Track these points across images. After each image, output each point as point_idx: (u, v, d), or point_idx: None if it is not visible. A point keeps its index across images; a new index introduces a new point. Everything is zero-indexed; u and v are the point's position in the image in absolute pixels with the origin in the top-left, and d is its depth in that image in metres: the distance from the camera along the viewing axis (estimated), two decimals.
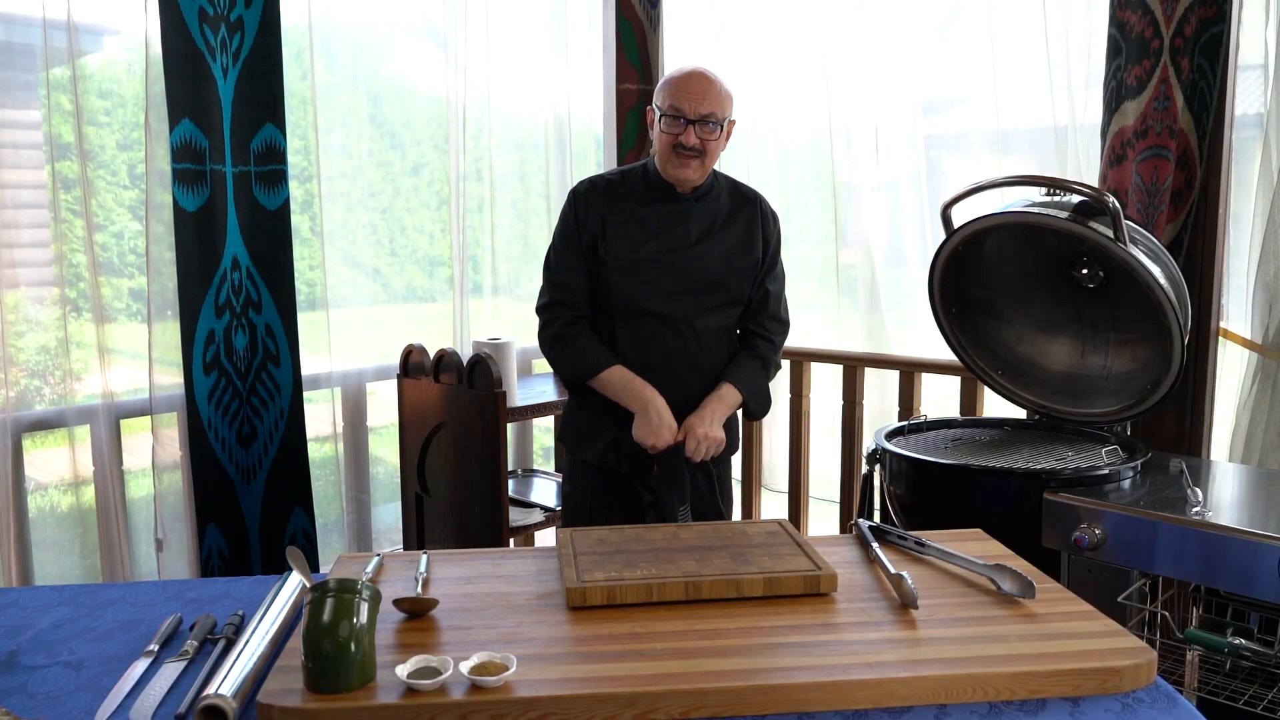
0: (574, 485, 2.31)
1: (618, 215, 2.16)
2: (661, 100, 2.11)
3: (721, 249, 2.20)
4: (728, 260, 2.20)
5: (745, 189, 2.28)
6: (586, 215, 2.17)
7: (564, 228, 2.21)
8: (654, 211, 2.17)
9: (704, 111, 2.07)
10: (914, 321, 3.47)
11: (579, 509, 2.28)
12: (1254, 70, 2.64)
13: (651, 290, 2.15)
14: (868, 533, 1.71)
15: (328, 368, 3.07)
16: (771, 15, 3.61)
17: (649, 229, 2.16)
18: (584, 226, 2.17)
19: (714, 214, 2.20)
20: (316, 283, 3.04)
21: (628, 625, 1.39)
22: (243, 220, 2.71)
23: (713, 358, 2.23)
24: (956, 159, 3.69)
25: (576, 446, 2.27)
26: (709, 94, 2.08)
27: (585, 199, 2.19)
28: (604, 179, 2.23)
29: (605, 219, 2.16)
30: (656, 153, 2.15)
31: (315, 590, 1.23)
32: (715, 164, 2.18)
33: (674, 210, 2.17)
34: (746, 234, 2.23)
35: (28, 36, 2.47)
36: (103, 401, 2.61)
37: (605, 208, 2.17)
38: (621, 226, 2.16)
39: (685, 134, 2.07)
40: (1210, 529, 1.90)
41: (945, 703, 1.23)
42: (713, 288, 2.19)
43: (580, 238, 2.17)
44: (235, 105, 2.66)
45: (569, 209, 2.21)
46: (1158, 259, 2.22)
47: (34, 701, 1.26)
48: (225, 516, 2.77)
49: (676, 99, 2.08)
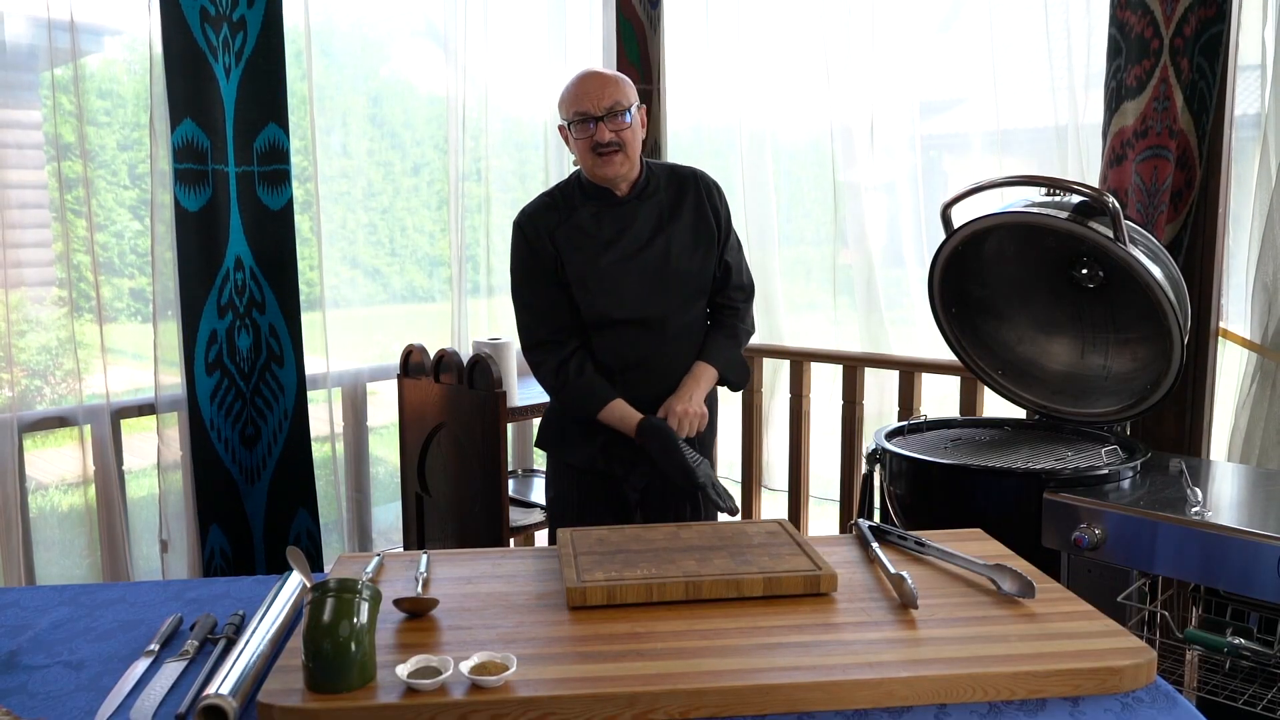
0: (559, 489, 2.31)
1: (566, 232, 2.14)
2: (565, 113, 2.12)
3: (679, 239, 2.18)
4: (687, 249, 2.18)
5: (681, 169, 2.26)
6: (538, 241, 2.15)
7: (522, 261, 2.18)
8: (600, 220, 2.15)
9: (607, 105, 2.07)
10: (913, 321, 3.47)
11: (568, 512, 2.27)
12: (1253, 70, 2.64)
13: (619, 299, 2.14)
14: (868, 533, 1.71)
15: (328, 368, 3.07)
16: (771, 15, 3.61)
17: (600, 239, 2.14)
18: (540, 253, 2.15)
19: (659, 206, 2.19)
20: (317, 283, 3.04)
21: (628, 625, 1.39)
22: (246, 220, 2.71)
23: (693, 350, 2.24)
24: (956, 159, 3.69)
25: (563, 450, 2.26)
26: (606, 87, 2.08)
27: (530, 226, 2.17)
28: (540, 203, 2.21)
29: (555, 239, 2.14)
30: (580, 162, 2.15)
31: (315, 590, 1.23)
32: (638, 153, 2.16)
33: (619, 214, 2.16)
34: (696, 215, 2.21)
35: (28, 36, 2.47)
36: (103, 402, 2.61)
37: (552, 229, 2.14)
38: (574, 243, 2.14)
39: (598, 132, 2.07)
40: (1210, 529, 1.90)
41: (945, 703, 1.23)
42: (680, 281, 2.18)
43: (543, 263, 2.15)
44: (238, 105, 2.66)
45: (519, 242, 2.18)
46: (1157, 259, 2.22)
47: (34, 701, 1.26)
48: (228, 518, 2.76)
49: (578, 104, 2.08)
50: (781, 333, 3.67)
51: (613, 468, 2.22)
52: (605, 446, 2.20)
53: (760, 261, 3.66)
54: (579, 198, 2.17)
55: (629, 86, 2.12)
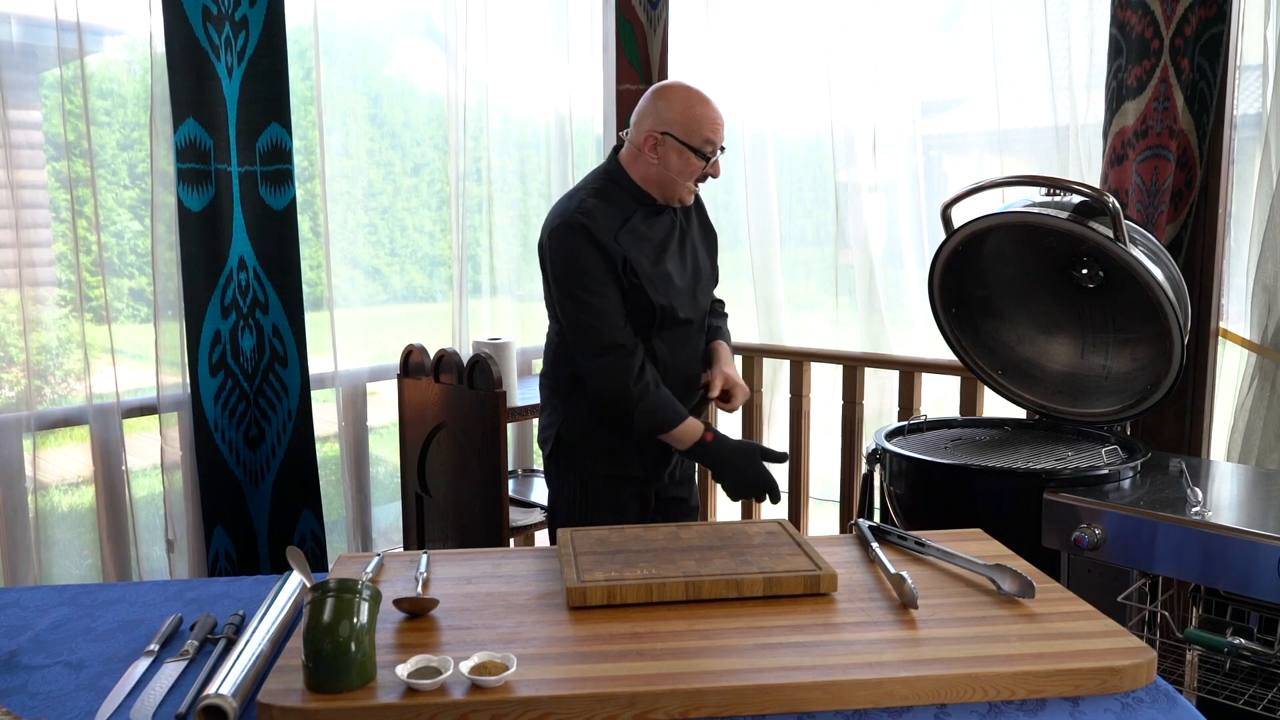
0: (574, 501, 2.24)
1: (628, 235, 2.11)
2: (691, 135, 2.07)
3: (699, 243, 2.28)
4: (704, 250, 2.29)
5: None
6: (605, 241, 2.07)
7: (587, 260, 2.07)
8: (652, 225, 2.17)
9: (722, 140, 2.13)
10: (913, 321, 3.47)
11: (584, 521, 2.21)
12: (1254, 70, 2.64)
13: (681, 298, 2.17)
14: (868, 533, 1.71)
15: (329, 368, 3.07)
16: (771, 15, 3.61)
17: (655, 242, 2.16)
18: (608, 254, 2.07)
19: (676, 214, 2.24)
20: (317, 283, 3.04)
21: (628, 625, 1.39)
22: (249, 220, 2.71)
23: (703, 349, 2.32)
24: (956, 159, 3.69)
25: (591, 459, 2.22)
26: (722, 122, 2.12)
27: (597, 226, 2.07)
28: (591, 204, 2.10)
29: (620, 240, 2.10)
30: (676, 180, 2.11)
31: (315, 590, 1.23)
32: None
33: (660, 220, 2.19)
34: (700, 222, 2.31)
35: (29, 36, 2.47)
36: (105, 402, 2.61)
37: (615, 230, 2.10)
38: (637, 245, 2.12)
39: (713, 166, 2.12)
40: (1210, 529, 1.90)
41: (945, 703, 1.23)
42: (710, 280, 2.30)
43: (612, 265, 2.08)
44: (241, 105, 2.66)
45: (584, 243, 2.07)
46: (1158, 259, 2.22)
47: (34, 701, 1.26)
48: (233, 519, 2.76)
49: (714, 134, 2.09)
50: (782, 333, 3.67)
51: (647, 471, 2.23)
52: (642, 451, 2.20)
53: (761, 261, 3.66)
54: (627, 202, 2.14)
55: None
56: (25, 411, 2.52)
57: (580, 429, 2.22)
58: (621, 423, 2.12)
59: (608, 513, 2.21)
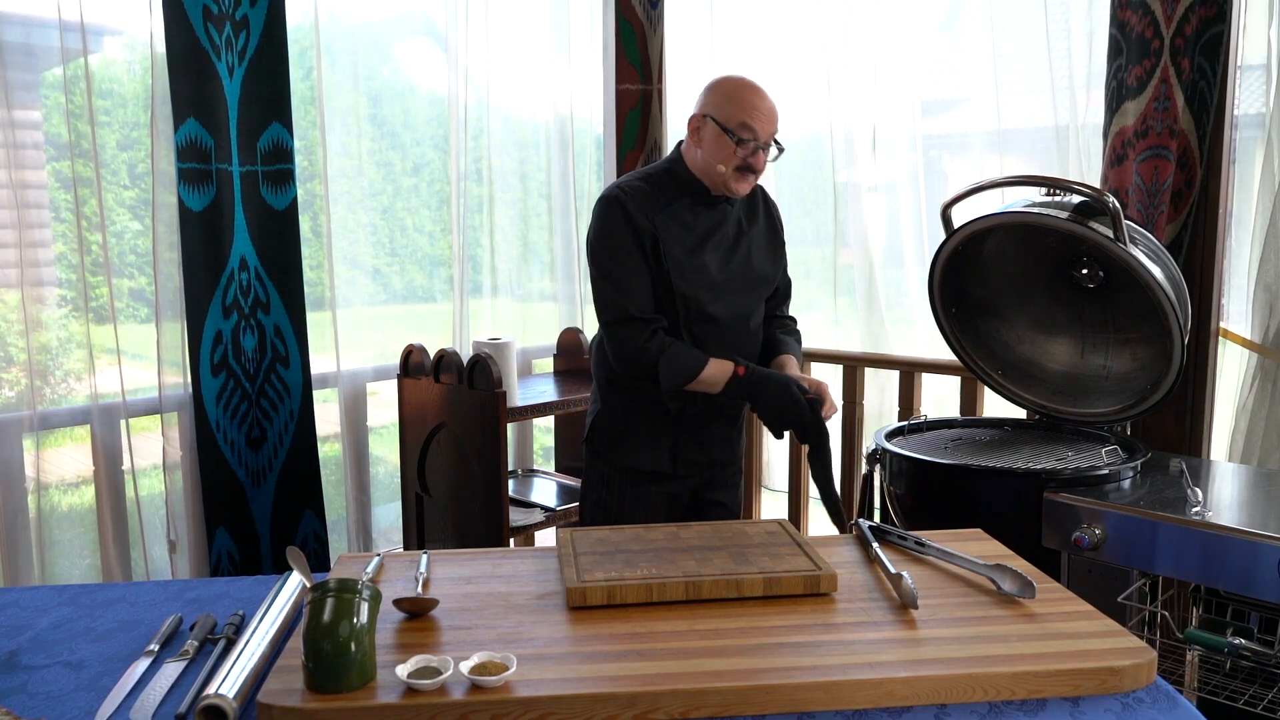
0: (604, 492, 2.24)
1: (666, 219, 2.10)
2: (728, 118, 2.06)
3: (759, 245, 2.22)
4: (764, 253, 2.23)
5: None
6: (640, 218, 2.07)
7: (617, 233, 2.08)
8: (698, 215, 2.14)
9: (772, 134, 2.08)
10: (913, 321, 3.47)
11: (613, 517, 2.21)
12: (1256, 70, 2.64)
13: (713, 293, 2.13)
14: (868, 533, 1.71)
15: (329, 368, 3.07)
16: (771, 15, 3.61)
17: (697, 232, 2.13)
18: (640, 230, 2.07)
19: (739, 212, 2.22)
20: (318, 283, 3.03)
21: (628, 625, 1.39)
22: (250, 220, 2.70)
23: (757, 349, 2.27)
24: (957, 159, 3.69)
25: (625, 453, 2.21)
26: (775, 114, 2.09)
27: (633, 202, 2.09)
28: (636, 184, 2.13)
29: (656, 222, 2.08)
30: (714, 165, 2.08)
31: (315, 590, 1.23)
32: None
33: (712, 213, 2.16)
34: (768, 225, 2.27)
35: (29, 36, 2.47)
36: (104, 402, 2.61)
37: (654, 211, 2.09)
38: (673, 231, 2.10)
39: (757, 158, 2.07)
40: (1210, 529, 1.90)
41: (945, 703, 1.23)
42: (761, 284, 2.23)
43: (641, 241, 2.08)
44: (241, 104, 2.66)
45: (617, 214, 2.08)
46: (1158, 259, 2.22)
47: (34, 701, 1.26)
48: (235, 520, 2.76)
49: (752, 120, 2.05)
50: None
51: (678, 468, 2.20)
52: (674, 449, 2.19)
53: None
54: (675, 189, 2.14)
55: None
56: (25, 411, 2.52)
57: (614, 420, 2.23)
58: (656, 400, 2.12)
59: (635, 506, 2.21)
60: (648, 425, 2.19)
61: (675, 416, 2.17)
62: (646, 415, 2.18)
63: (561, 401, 3.03)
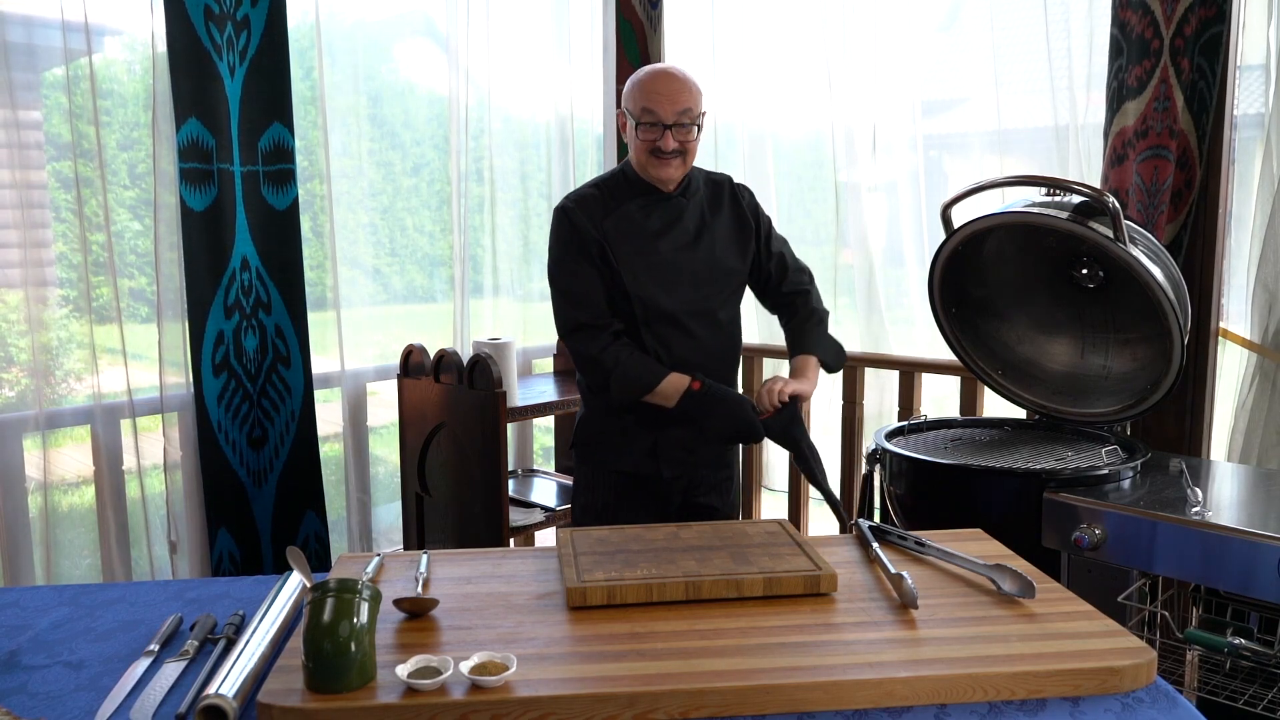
0: (591, 496, 2.25)
1: (616, 221, 2.11)
2: (632, 104, 2.08)
3: (722, 237, 2.20)
4: (729, 246, 2.20)
5: (715, 175, 2.28)
6: (585, 226, 2.10)
7: (567, 243, 2.13)
8: (648, 213, 2.14)
9: (679, 111, 2.05)
10: (914, 321, 3.47)
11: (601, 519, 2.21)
12: (1256, 70, 2.64)
13: (670, 289, 2.12)
14: (868, 533, 1.71)
15: (329, 368, 3.07)
16: (772, 15, 3.61)
17: (649, 231, 2.13)
18: (587, 238, 2.10)
19: (700, 205, 2.20)
20: (318, 283, 3.04)
21: (628, 625, 1.39)
22: (251, 220, 2.70)
23: (735, 346, 2.25)
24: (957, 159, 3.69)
25: (608, 455, 2.21)
26: (682, 94, 2.05)
27: (578, 211, 2.12)
28: (587, 191, 2.17)
29: (604, 227, 2.11)
30: (635, 156, 2.12)
31: (315, 590, 1.23)
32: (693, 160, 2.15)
33: (667, 209, 2.15)
34: (735, 216, 2.23)
35: (29, 36, 2.47)
36: (105, 402, 2.61)
37: (601, 216, 2.11)
38: (623, 232, 2.11)
39: (663, 139, 2.04)
40: (1210, 529, 1.90)
41: (945, 703, 1.23)
42: (727, 275, 2.19)
43: (588, 250, 2.10)
44: (243, 104, 2.66)
45: (564, 224, 2.13)
46: (1157, 259, 2.22)
47: (34, 701, 1.26)
48: (236, 520, 2.76)
49: (650, 102, 2.04)
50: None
51: (661, 470, 2.19)
52: (654, 449, 2.18)
53: None
54: (626, 190, 2.15)
55: (700, 95, 2.09)
56: (26, 411, 2.52)
57: (596, 423, 2.24)
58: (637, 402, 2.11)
59: (622, 509, 2.21)
60: (629, 427, 2.18)
61: (655, 417, 2.15)
62: (628, 417, 2.18)
63: (561, 401, 3.03)
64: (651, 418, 2.15)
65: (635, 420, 2.17)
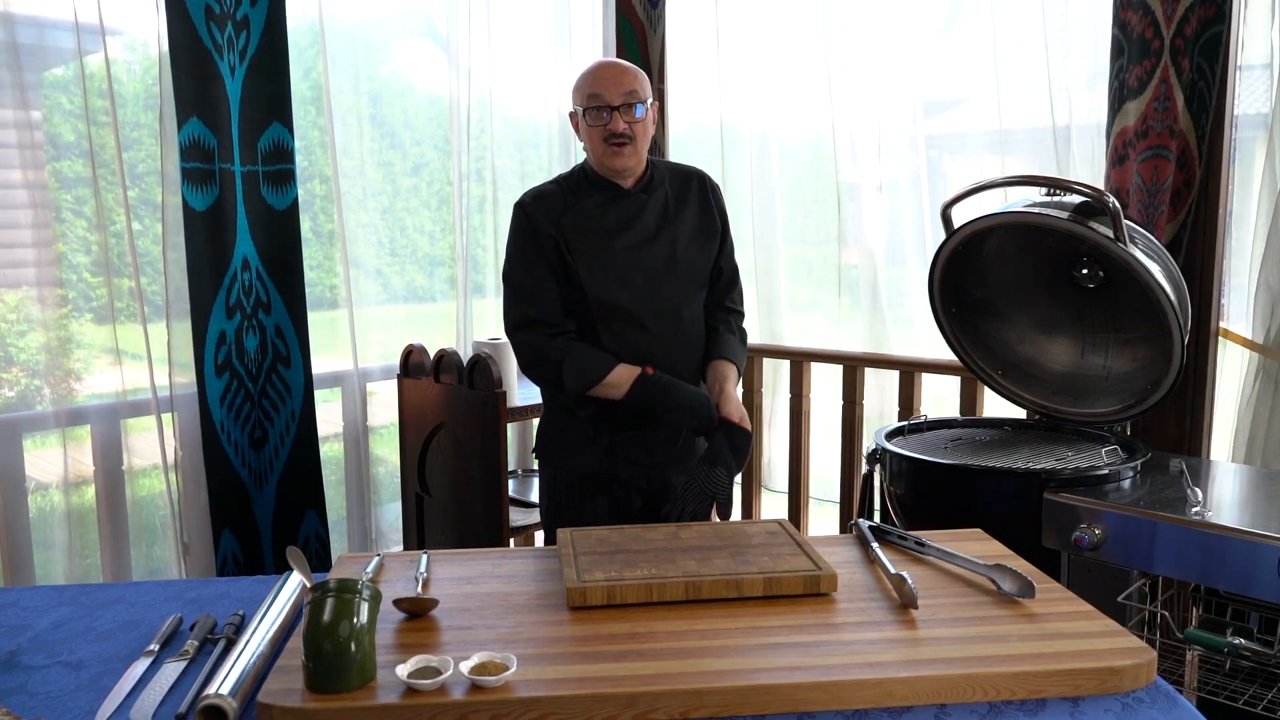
0: (553, 498, 2.24)
1: (573, 218, 2.11)
2: (579, 96, 2.10)
3: (685, 233, 2.18)
4: (692, 242, 2.19)
5: (683, 167, 2.26)
6: (542, 222, 2.10)
7: (521, 240, 2.12)
8: (607, 210, 2.13)
9: (625, 93, 2.05)
10: (915, 321, 3.47)
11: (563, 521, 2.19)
12: (1258, 70, 2.63)
13: (629, 286, 2.11)
14: (868, 533, 1.71)
15: (331, 367, 3.07)
16: (772, 15, 3.61)
17: (607, 227, 2.12)
18: (542, 234, 2.10)
19: (663, 200, 2.18)
20: (318, 282, 3.04)
21: (628, 625, 1.39)
22: (251, 220, 2.70)
23: (697, 344, 2.22)
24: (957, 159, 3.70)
25: (566, 458, 2.20)
26: (623, 77, 2.07)
27: (535, 207, 2.12)
28: (545, 189, 2.17)
29: (561, 224, 2.10)
30: (589, 151, 2.13)
31: (315, 590, 1.23)
32: (646, 149, 2.14)
33: (626, 205, 2.14)
34: (701, 212, 2.22)
35: (29, 36, 2.47)
36: (104, 402, 2.61)
37: (559, 213, 2.11)
38: (580, 229, 2.10)
39: (613, 121, 2.05)
40: (1210, 529, 1.90)
41: (945, 703, 1.23)
42: (687, 273, 2.17)
43: (543, 247, 2.10)
44: (243, 104, 2.66)
45: (521, 221, 2.13)
46: (1158, 259, 2.22)
47: (34, 701, 1.26)
48: (238, 521, 2.76)
49: (594, 87, 2.06)
50: (783, 333, 3.67)
51: (618, 470, 2.17)
52: (611, 448, 2.16)
53: (763, 261, 3.66)
54: (585, 187, 2.15)
55: (645, 80, 2.11)
56: (26, 411, 2.52)
57: (554, 423, 2.23)
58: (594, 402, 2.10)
59: (581, 511, 2.19)
60: (585, 426, 2.16)
61: (612, 417, 2.14)
62: (585, 417, 2.16)
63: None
64: (608, 418, 2.14)
65: (592, 420, 2.15)
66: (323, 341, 3.05)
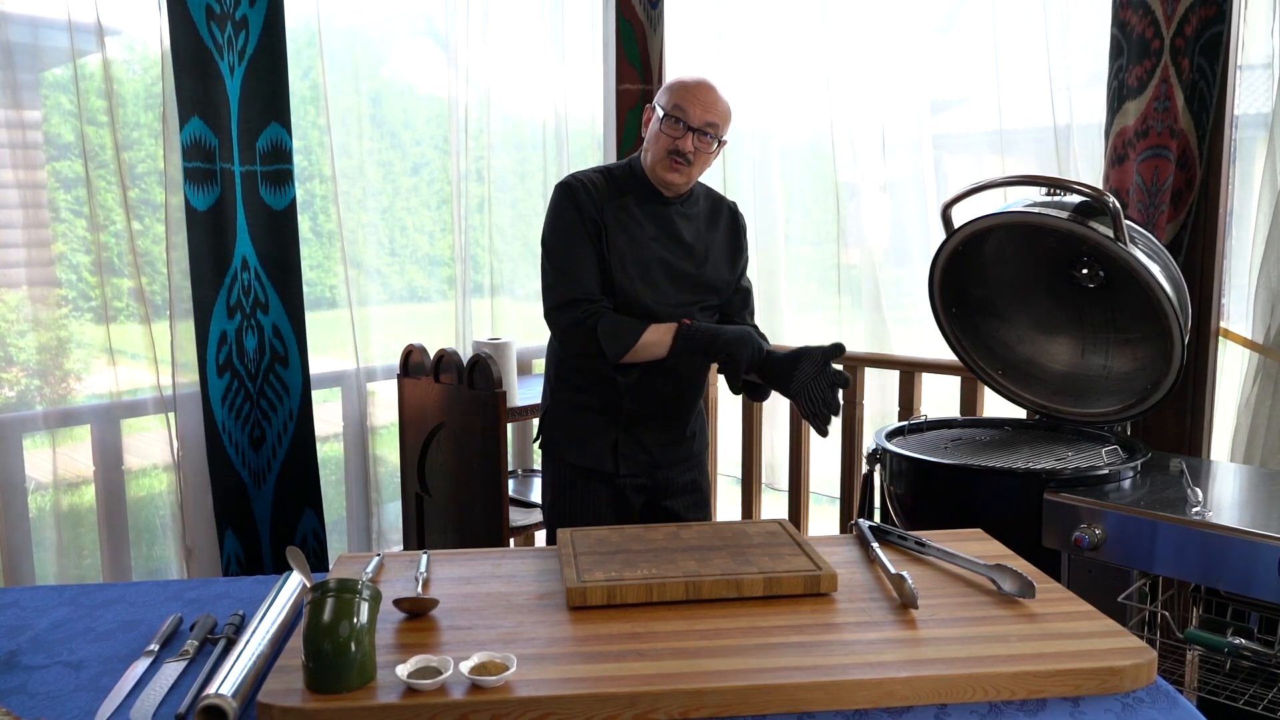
0: (557, 492, 2.25)
1: (615, 210, 2.11)
2: (666, 101, 2.09)
3: (713, 253, 2.21)
4: (718, 264, 2.22)
5: (717, 194, 2.30)
6: (588, 205, 2.10)
7: (565, 219, 2.10)
8: (648, 212, 2.14)
9: (707, 120, 2.06)
10: (915, 321, 3.47)
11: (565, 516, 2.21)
12: (1259, 70, 2.63)
13: (654, 287, 2.12)
14: (868, 533, 1.71)
15: (331, 367, 3.07)
16: (772, 15, 3.61)
17: (646, 229, 2.14)
18: (586, 217, 2.09)
19: (697, 219, 2.21)
20: (317, 282, 3.04)
21: (628, 625, 1.39)
22: (250, 220, 2.70)
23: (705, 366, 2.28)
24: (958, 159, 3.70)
25: (569, 451, 2.22)
26: (715, 106, 2.07)
27: (583, 190, 2.11)
28: (592, 175, 2.17)
29: (604, 212, 2.10)
30: (648, 152, 2.12)
31: (315, 590, 1.23)
32: (699, 176, 2.17)
33: (666, 214, 2.16)
34: (729, 239, 2.26)
35: (30, 36, 2.47)
36: (104, 402, 2.61)
37: (603, 201, 2.11)
38: (621, 223, 2.11)
39: (684, 139, 2.06)
40: (1210, 529, 1.90)
41: (945, 703, 1.23)
42: (709, 290, 2.21)
43: (586, 228, 2.09)
44: (242, 104, 2.66)
45: (566, 201, 2.11)
46: (1158, 259, 2.22)
47: (34, 701, 1.26)
48: (239, 521, 2.76)
49: (683, 101, 2.06)
50: (784, 333, 3.67)
51: (619, 467, 2.19)
52: (615, 445, 2.18)
53: (763, 261, 3.66)
54: (630, 184, 2.15)
55: (729, 116, 2.11)
56: (26, 411, 2.52)
57: (560, 417, 2.24)
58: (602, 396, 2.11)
59: (582, 506, 2.21)
60: (591, 422, 2.18)
61: (619, 414, 2.16)
62: (591, 412, 2.18)
63: None
64: (615, 414, 2.16)
65: (599, 416, 2.17)
66: (322, 341, 3.05)
